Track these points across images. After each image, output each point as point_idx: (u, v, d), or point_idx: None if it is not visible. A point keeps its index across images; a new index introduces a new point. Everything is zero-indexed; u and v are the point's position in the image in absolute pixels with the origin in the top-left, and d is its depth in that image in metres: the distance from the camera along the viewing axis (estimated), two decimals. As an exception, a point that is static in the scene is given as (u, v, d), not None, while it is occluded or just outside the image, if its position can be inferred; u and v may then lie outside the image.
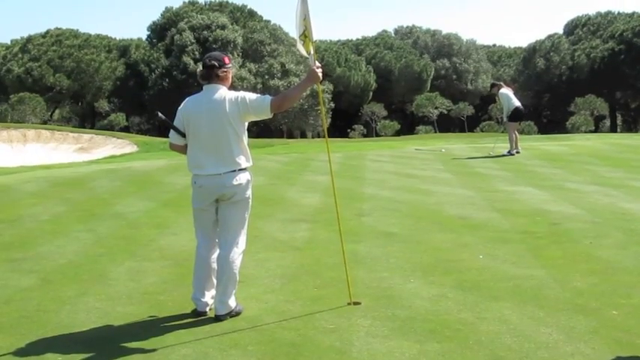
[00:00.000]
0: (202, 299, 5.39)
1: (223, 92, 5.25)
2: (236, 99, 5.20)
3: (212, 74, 5.27)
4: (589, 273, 6.27)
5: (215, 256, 5.39)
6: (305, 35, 5.59)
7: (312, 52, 5.56)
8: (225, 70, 5.31)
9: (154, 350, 4.71)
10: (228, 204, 5.32)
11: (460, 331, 4.88)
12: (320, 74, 5.33)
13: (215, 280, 5.37)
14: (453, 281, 6.12)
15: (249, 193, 5.38)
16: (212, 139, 5.23)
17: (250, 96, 5.23)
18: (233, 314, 5.30)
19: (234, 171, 5.26)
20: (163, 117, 5.59)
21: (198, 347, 4.74)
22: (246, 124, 5.35)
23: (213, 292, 5.40)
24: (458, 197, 10.67)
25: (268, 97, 5.22)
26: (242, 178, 5.29)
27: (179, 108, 5.44)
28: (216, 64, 5.27)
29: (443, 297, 5.67)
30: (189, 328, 5.13)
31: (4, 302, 5.83)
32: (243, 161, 5.29)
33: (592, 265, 6.53)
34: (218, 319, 5.24)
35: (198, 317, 5.34)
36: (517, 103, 17.52)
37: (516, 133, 17.64)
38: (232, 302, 5.30)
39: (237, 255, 5.31)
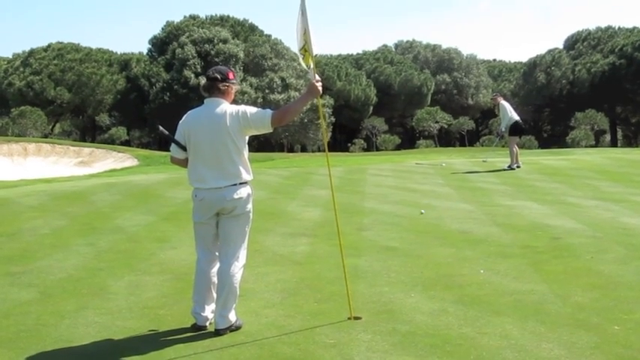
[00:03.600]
0: (202, 313, 5.37)
1: (224, 106, 5.25)
2: (237, 113, 5.20)
3: (214, 87, 5.28)
4: (590, 288, 6.25)
5: (215, 270, 5.37)
6: (305, 49, 5.61)
7: (312, 65, 5.57)
8: (227, 84, 5.30)
9: (153, 365, 4.69)
10: (228, 218, 5.31)
11: (461, 346, 4.86)
12: (320, 88, 5.34)
13: (215, 295, 5.35)
14: (454, 296, 6.10)
15: (249, 206, 5.37)
16: (213, 152, 5.23)
17: (251, 110, 5.23)
18: (233, 329, 5.27)
19: (235, 185, 5.25)
20: (165, 131, 5.59)
21: (198, 362, 4.72)
22: (247, 138, 5.35)
23: (213, 306, 5.38)
24: (458, 211, 10.67)
25: (269, 111, 5.22)
26: (243, 191, 5.28)
27: (180, 121, 5.44)
28: (218, 77, 5.28)
29: (444, 312, 5.65)
30: (188, 342, 5.11)
31: (3, 316, 5.81)
32: (243, 175, 5.29)
33: (593, 280, 6.51)
34: (218, 333, 5.21)
35: (197, 331, 5.32)
36: (517, 117, 17.65)
37: (516, 147, 17.70)
38: (232, 316, 5.28)
39: (237, 269, 5.29)
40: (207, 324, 5.38)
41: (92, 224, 10.12)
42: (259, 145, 55.19)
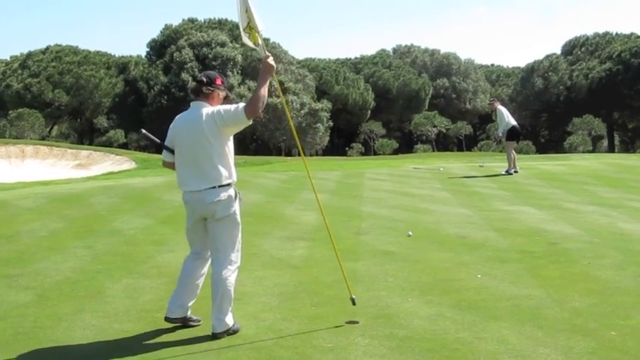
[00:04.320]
0: (171, 305, 5.44)
1: (204, 109, 5.25)
2: (212, 114, 5.21)
3: (199, 90, 5.32)
4: (587, 293, 6.25)
5: (201, 270, 5.48)
6: (250, 27, 5.57)
7: (260, 42, 5.54)
8: (212, 89, 5.31)
9: (150, 368, 4.68)
10: (214, 222, 5.31)
11: (458, 351, 4.86)
12: (272, 62, 5.30)
13: (191, 291, 5.44)
14: (451, 300, 6.10)
15: (233, 209, 5.34)
16: (193, 155, 5.26)
17: (225, 108, 5.22)
18: (230, 332, 5.27)
19: (214, 187, 5.24)
20: (150, 135, 5.61)
21: (195, 365, 4.71)
22: (231, 138, 5.34)
23: (183, 301, 5.43)
24: (456, 216, 10.67)
25: (242, 104, 5.17)
26: (223, 194, 5.27)
27: (170, 125, 5.49)
28: (204, 80, 5.31)
29: (441, 316, 5.65)
30: (185, 345, 5.11)
31: (1, 318, 5.81)
32: (224, 178, 5.26)
33: (590, 286, 6.52)
34: (215, 336, 5.21)
35: (194, 334, 5.32)
36: (514, 122, 17.68)
37: (514, 152, 17.72)
38: (229, 320, 5.28)
39: (230, 272, 5.29)
40: (172, 316, 5.41)
41: (90, 227, 10.11)
42: (257, 148, 55.23)
